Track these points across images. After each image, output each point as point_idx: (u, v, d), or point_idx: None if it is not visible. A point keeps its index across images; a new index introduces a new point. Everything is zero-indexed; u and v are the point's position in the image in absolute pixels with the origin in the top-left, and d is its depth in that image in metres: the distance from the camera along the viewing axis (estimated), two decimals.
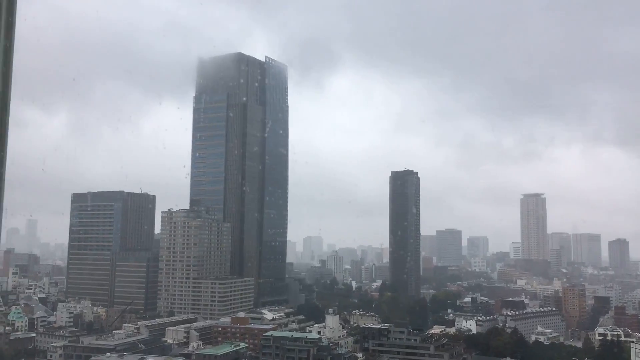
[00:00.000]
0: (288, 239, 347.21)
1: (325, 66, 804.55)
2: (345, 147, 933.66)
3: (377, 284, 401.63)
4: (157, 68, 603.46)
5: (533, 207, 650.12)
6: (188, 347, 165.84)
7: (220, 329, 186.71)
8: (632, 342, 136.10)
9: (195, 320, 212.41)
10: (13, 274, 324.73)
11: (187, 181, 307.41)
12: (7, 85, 13.27)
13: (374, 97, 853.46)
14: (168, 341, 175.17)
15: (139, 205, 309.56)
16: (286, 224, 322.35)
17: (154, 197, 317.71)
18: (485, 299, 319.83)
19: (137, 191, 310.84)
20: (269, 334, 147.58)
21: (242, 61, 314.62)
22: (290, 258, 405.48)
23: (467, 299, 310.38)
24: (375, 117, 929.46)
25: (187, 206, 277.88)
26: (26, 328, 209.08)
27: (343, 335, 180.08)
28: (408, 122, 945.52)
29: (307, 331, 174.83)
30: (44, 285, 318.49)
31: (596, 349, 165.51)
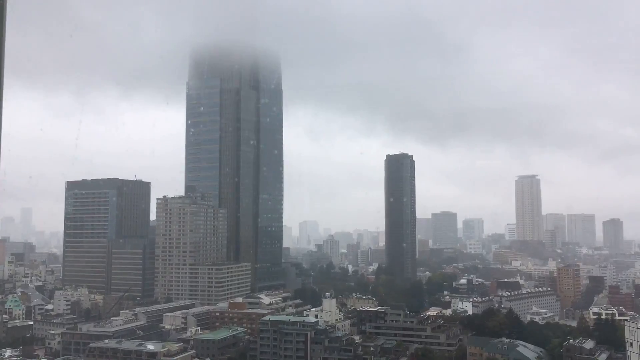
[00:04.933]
0: (284, 223, 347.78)
1: (321, 53, 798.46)
2: (341, 129, 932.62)
3: (374, 267, 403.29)
4: (149, 54, 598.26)
5: (528, 188, 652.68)
6: (186, 332, 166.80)
7: (217, 314, 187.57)
8: (626, 320, 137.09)
9: (192, 306, 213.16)
10: (9, 262, 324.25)
11: (182, 167, 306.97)
12: None
13: (368, 81, 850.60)
14: (166, 327, 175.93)
15: (134, 192, 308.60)
16: (282, 208, 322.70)
17: (148, 184, 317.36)
18: (481, 280, 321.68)
19: (132, 178, 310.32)
20: (266, 318, 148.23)
21: (235, 46, 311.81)
22: (286, 243, 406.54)
23: (463, 281, 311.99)
24: (368, 99, 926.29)
25: (182, 192, 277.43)
26: (24, 316, 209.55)
27: (340, 319, 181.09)
28: (403, 106, 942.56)
29: (305, 315, 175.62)
30: (40, 273, 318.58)
31: (591, 328, 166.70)
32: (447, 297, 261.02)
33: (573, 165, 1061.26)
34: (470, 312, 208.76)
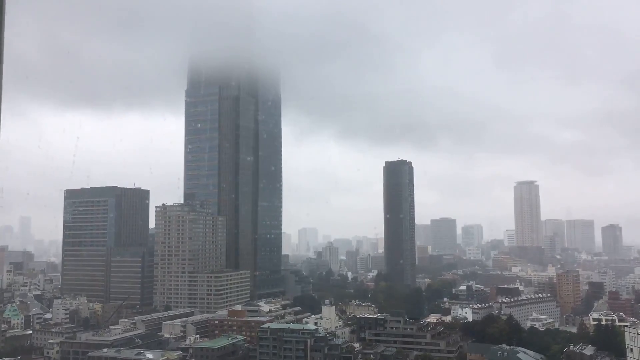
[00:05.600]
0: (283, 230, 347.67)
1: (320, 60, 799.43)
2: (340, 136, 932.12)
3: (373, 274, 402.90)
4: (148, 63, 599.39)
5: (526, 194, 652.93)
6: (185, 341, 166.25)
7: (217, 322, 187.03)
8: (627, 326, 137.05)
9: (191, 314, 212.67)
10: (7, 271, 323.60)
11: (181, 175, 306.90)
12: None
13: (366, 89, 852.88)
14: (165, 335, 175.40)
15: (132, 200, 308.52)
16: (281, 216, 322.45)
17: (147, 191, 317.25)
18: (481, 286, 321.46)
19: (131, 186, 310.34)
20: (265, 326, 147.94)
21: (234, 54, 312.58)
22: (285, 250, 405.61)
23: (463, 287, 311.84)
24: (367, 106, 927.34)
25: (181, 200, 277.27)
26: (22, 325, 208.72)
27: (340, 326, 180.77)
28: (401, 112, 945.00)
29: (304, 322, 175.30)
30: (39, 282, 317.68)
31: (591, 334, 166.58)
32: (447, 303, 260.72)
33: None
34: (470, 319, 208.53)
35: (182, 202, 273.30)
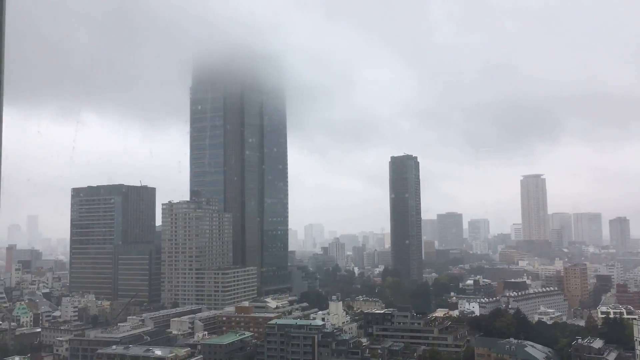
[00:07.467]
0: (289, 227, 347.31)
1: (323, 53, 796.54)
2: (346, 130, 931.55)
3: (380, 269, 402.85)
4: (153, 60, 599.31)
5: (533, 188, 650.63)
6: (193, 337, 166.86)
7: (224, 318, 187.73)
8: (635, 319, 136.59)
9: (199, 310, 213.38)
10: (16, 270, 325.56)
11: (187, 173, 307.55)
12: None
13: (369, 80, 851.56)
14: (173, 332, 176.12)
15: (139, 198, 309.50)
16: (287, 212, 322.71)
17: (153, 189, 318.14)
18: (488, 281, 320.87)
19: (137, 184, 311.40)
20: (273, 322, 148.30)
21: (238, 50, 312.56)
22: (292, 246, 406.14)
23: (470, 282, 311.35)
24: (373, 101, 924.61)
25: (187, 197, 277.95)
26: (31, 323, 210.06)
27: (347, 321, 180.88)
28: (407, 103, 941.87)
29: (311, 318, 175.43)
30: (47, 280, 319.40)
31: (599, 327, 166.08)
32: (454, 298, 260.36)
33: None
34: (477, 313, 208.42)
35: (188, 199, 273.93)
